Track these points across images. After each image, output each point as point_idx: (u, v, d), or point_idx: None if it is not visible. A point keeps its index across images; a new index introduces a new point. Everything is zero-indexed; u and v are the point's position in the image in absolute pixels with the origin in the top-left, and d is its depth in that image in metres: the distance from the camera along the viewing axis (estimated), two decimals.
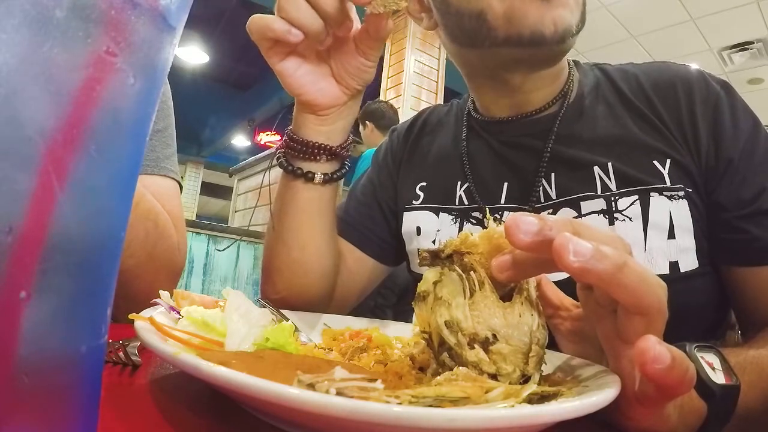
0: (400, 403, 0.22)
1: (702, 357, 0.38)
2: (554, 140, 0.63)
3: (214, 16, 5.45)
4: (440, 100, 3.96)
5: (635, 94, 0.62)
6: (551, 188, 0.62)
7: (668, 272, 0.55)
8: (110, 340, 0.37)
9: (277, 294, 0.62)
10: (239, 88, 7.59)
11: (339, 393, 0.22)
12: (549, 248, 0.27)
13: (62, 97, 0.17)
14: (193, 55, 6.27)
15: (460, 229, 0.67)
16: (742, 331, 0.62)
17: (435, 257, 0.34)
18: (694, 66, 0.64)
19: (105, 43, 0.18)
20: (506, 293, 0.33)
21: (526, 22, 0.56)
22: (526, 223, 0.28)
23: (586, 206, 0.59)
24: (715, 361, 0.38)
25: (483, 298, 0.31)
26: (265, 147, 6.69)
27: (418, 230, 0.71)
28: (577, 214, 0.60)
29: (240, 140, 9.54)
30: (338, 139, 0.58)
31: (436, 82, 3.97)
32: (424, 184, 0.73)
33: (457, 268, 0.32)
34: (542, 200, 0.62)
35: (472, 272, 0.31)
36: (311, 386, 0.23)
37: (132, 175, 0.21)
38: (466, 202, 0.68)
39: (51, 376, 0.17)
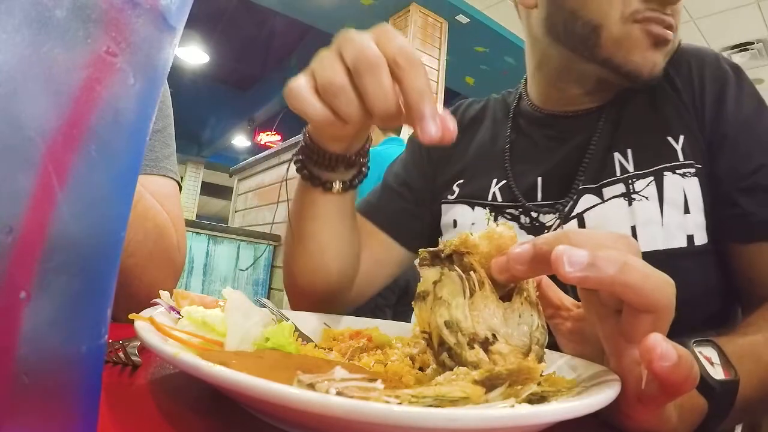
0: (400, 403, 0.22)
1: (700, 352, 0.38)
2: (598, 136, 0.65)
3: (214, 16, 5.45)
4: (440, 100, 3.96)
5: None
6: (581, 180, 0.64)
7: (686, 245, 0.57)
8: (110, 340, 0.37)
9: (300, 294, 0.62)
10: (239, 88, 7.58)
11: (339, 393, 0.22)
12: (548, 263, 0.28)
13: (62, 97, 0.17)
14: (193, 55, 6.26)
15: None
16: (744, 313, 0.63)
17: (435, 257, 0.34)
18: (709, 48, 0.67)
19: (105, 43, 0.18)
20: (506, 294, 0.33)
21: (631, 57, 0.59)
22: (518, 255, 0.30)
23: (607, 192, 0.62)
24: (713, 355, 0.38)
25: (483, 299, 0.31)
26: (265, 147, 6.68)
27: (455, 223, 0.73)
28: (599, 200, 0.62)
29: (240, 140, 9.53)
30: (356, 147, 0.54)
31: (437, 82, 3.97)
32: (462, 181, 0.75)
33: (457, 268, 0.32)
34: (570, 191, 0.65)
35: (472, 272, 0.31)
36: (311, 386, 0.23)
37: (132, 175, 0.21)
38: (500, 199, 0.70)
39: (51, 376, 0.17)
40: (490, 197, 0.71)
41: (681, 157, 0.59)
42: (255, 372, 0.23)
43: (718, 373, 0.37)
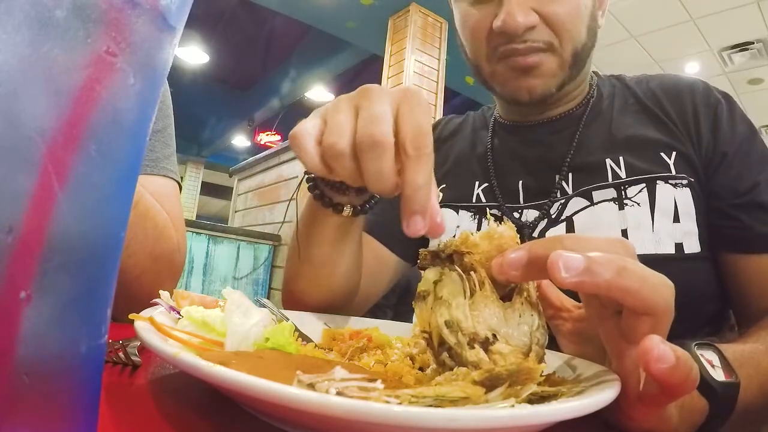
0: (400, 403, 0.22)
1: (702, 355, 0.38)
2: (575, 144, 0.68)
3: (214, 16, 5.45)
4: (440, 100, 3.96)
5: (647, 96, 0.69)
6: (568, 185, 0.66)
7: (674, 252, 0.59)
8: (110, 340, 0.37)
9: (300, 309, 0.61)
10: (239, 88, 7.57)
11: (339, 393, 0.22)
12: (544, 268, 0.28)
13: (62, 97, 0.17)
14: (193, 55, 6.25)
15: (479, 224, 0.71)
16: (739, 325, 0.65)
17: (435, 257, 0.34)
18: (699, 78, 0.72)
19: (105, 43, 0.18)
20: (506, 293, 0.33)
21: (505, 88, 0.66)
22: (512, 260, 0.30)
23: (597, 195, 0.64)
24: (714, 358, 0.39)
25: (483, 299, 0.31)
26: (265, 147, 6.67)
27: None
28: (589, 203, 0.64)
29: (240, 140, 9.53)
30: None
31: (436, 82, 3.97)
32: (444, 185, 0.77)
33: (458, 268, 0.32)
34: (558, 195, 0.66)
35: (472, 272, 0.31)
36: (311, 386, 0.23)
37: (132, 175, 0.21)
38: (484, 200, 0.72)
39: (51, 376, 0.17)
40: (474, 199, 0.73)
41: (673, 171, 0.62)
42: (255, 372, 0.23)
43: (719, 375, 0.37)
